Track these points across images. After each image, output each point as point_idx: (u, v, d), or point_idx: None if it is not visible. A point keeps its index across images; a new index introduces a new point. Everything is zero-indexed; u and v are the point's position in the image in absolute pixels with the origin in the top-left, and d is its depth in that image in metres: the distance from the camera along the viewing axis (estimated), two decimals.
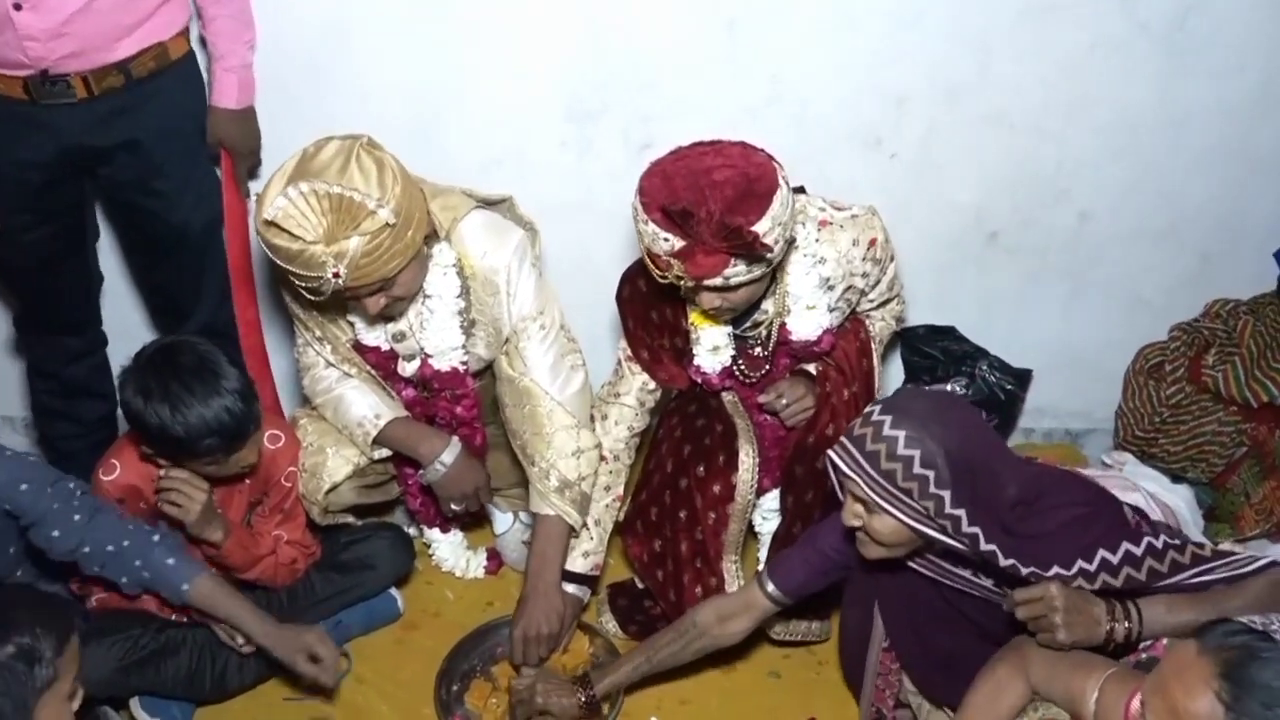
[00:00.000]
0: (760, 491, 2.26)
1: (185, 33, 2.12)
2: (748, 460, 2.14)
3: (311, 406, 2.20)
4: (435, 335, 2.06)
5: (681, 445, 2.18)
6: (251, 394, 1.91)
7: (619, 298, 2.15)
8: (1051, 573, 1.58)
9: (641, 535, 2.21)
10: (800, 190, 2.09)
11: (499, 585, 2.37)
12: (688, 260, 1.77)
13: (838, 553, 1.83)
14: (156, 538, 1.92)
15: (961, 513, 1.54)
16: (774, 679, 2.17)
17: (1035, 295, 2.61)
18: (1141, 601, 1.60)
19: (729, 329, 2.07)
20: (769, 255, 1.78)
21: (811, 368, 2.14)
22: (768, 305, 2.04)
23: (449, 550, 2.39)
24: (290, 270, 1.80)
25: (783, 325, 2.06)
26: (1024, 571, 1.59)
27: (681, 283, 1.81)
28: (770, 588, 1.89)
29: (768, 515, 2.28)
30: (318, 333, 2.11)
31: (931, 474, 1.53)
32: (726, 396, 2.20)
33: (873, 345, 2.21)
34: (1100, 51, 2.29)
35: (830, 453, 1.63)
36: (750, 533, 2.33)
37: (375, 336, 2.10)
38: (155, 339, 1.97)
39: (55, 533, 1.82)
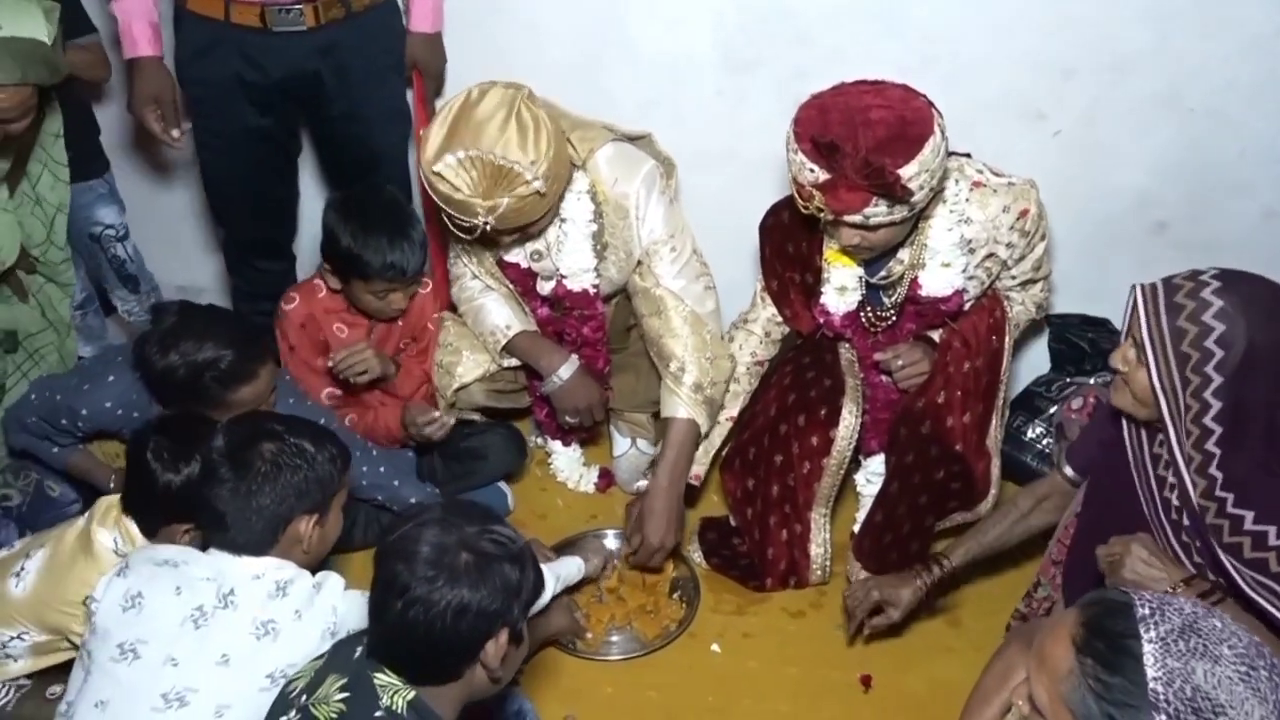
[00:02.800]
0: (869, 453, 2.29)
1: None
2: (849, 419, 2.16)
3: (458, 312, 2.41)
4: (569, 257, 2.21)
5: (788, 392, 2.22)
6: (425, 249, 2.26)
7: (762, 226, 2.19)
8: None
9: (738, 472, 2.28)
10: (965, 155, 2.07)
11: (605, 501, 2.51)
12: (829, 194, 1.79)
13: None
14: (397, 482, 2.30)
15: (1217, 405, 1.46)
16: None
17: None
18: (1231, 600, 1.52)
19: (860, 272, 2.06)
20: (911, 199, 1.78)
21: (936, 335, 2.13)
22: (904, 255, 2.03)
23: (565, 462, 2.55)
24: (446, 209, 2.02)
25: (914, 279, 2.05)
26: (1230, 508, 1.48)
27: (822, 215, 1.84)
28: (1068, 470, 1.89)
29: (872, 478, 2.28)
30: (467, 245, 2.32)
31: (1219, 355, 1.44)
32: (844, 353, 2.21)
33: (1007, 325, 2.15)
34: None
35: (1136, 286, 1.52)
36: (852, 491, 2.35)
37: (516, 254, 2.27)
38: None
39: None
